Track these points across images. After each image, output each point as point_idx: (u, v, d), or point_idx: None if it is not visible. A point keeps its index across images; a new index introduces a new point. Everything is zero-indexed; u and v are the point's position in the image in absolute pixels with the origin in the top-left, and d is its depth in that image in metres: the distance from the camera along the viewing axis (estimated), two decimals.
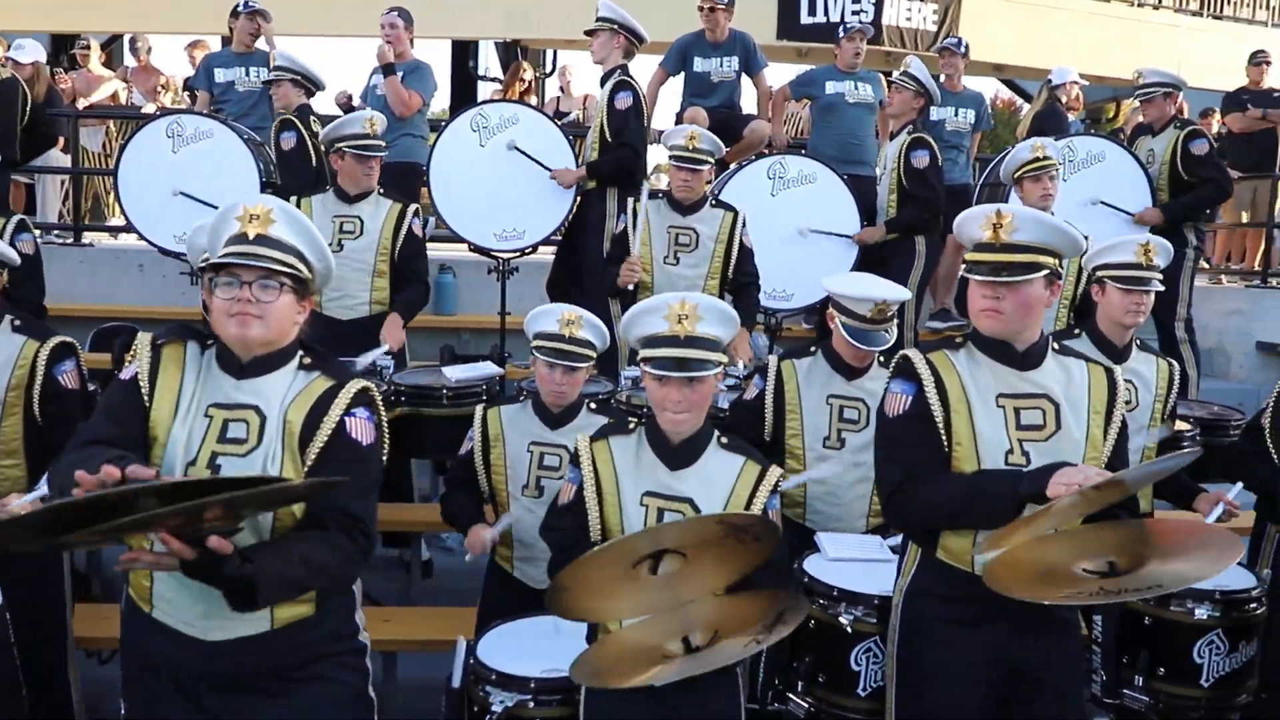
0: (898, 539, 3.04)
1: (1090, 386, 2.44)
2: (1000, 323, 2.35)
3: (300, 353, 2.26)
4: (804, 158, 5.66)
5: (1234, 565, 3.20)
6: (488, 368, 4.24)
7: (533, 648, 2.75)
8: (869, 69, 6.69)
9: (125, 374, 2.22)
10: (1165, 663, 3.01)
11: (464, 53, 13.89)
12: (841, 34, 6.38)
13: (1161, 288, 3.41)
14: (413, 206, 4.60)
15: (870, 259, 5.56)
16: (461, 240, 5.51)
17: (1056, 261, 2.35)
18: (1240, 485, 3.36)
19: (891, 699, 2.58)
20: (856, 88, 6.18)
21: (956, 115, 6.56)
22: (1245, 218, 8.37)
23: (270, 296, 2.13)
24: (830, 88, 6.19)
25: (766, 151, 6.06)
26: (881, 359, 3.41)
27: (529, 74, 8.53)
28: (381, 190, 4.60)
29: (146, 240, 5.65)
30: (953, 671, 2.41)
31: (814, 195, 5.51)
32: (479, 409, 3.37)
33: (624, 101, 5.16)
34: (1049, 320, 4.53)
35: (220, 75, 6.40)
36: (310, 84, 5.70)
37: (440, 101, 15.30)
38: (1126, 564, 2.21)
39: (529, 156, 5.27)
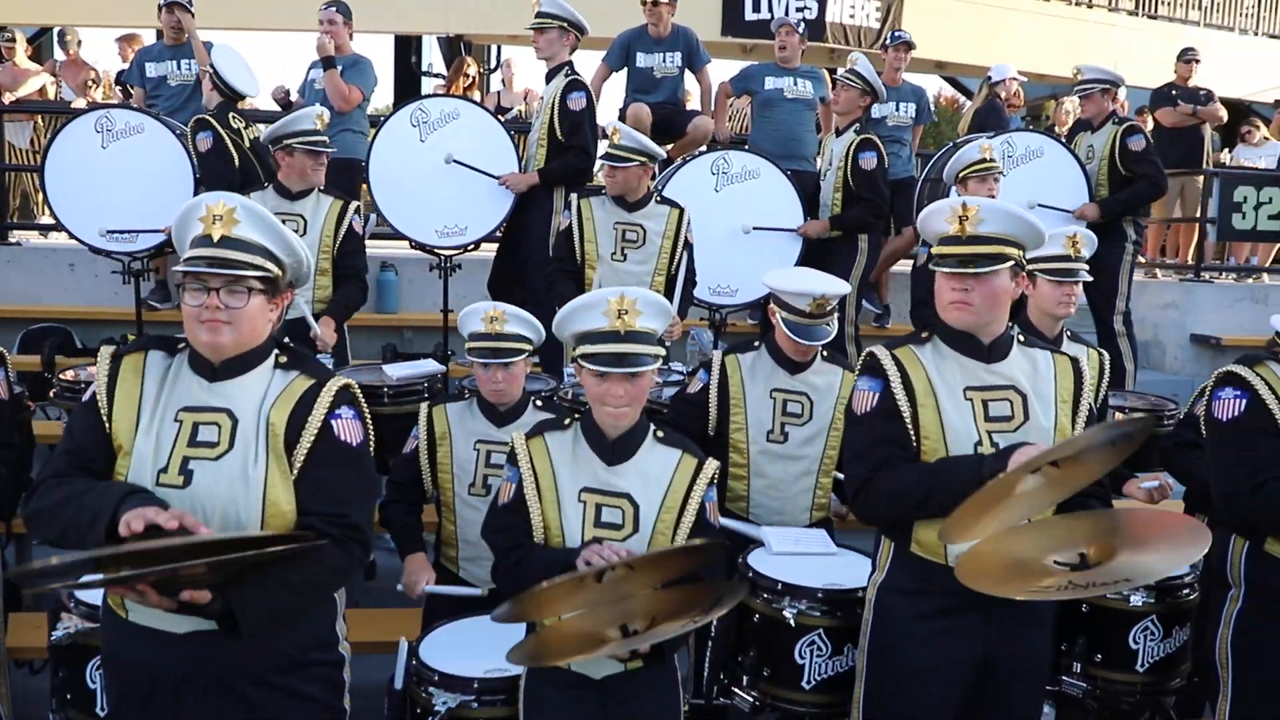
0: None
1: (1056, 376, 2.48)
2: (970, 314, 2.38)
3: (276, 352, 2.22)
4: (748, 153, 5.67)
5: None
6: (429, 365, 4.19)
7: (476, 648, 2.73)
8: (813, 65, 6.74)
9: (86, 394, 2.19)
10: (1102, 649, 3.07)
11: (407, 48, 13.75)
12: (774, 28, 6.41)
13: (1089, 278, 3.47)
14: (354, 204, 4.54)
15: (813, 256, 5.58)
16: (403, 237, 5.44)
17: (1020, 253, 2.39)
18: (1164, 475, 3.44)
19: (860, 694, 2.59)
20: (796, 84, 6.21)
21: (898, 110, 6.63)
22: (1178, 212, 8.57)
23: (239, 301, 2.10)
24: (769, 84, 6.21)
25: (710, 147, 6.06)
26: (824, 353, 3.43)
27: (472, 69, 8.43)
28: (321, 187, 4.53)
29: (76, 239, 5.49)
30: (925, 666, 2.43)
31: (758, 190, 5.52)
32: (424, 407, 3.34)
33: (577, 102, 5.12)
34: None
35: (152, 70, 6.23)
36: (231, 93, 5.52)
37: (384, 97, 15.17)
38: (1097, 555, 2.23)
39: (469, 167, 5.21)
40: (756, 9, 11.81)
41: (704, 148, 6.08)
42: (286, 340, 2.32)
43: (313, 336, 4.18)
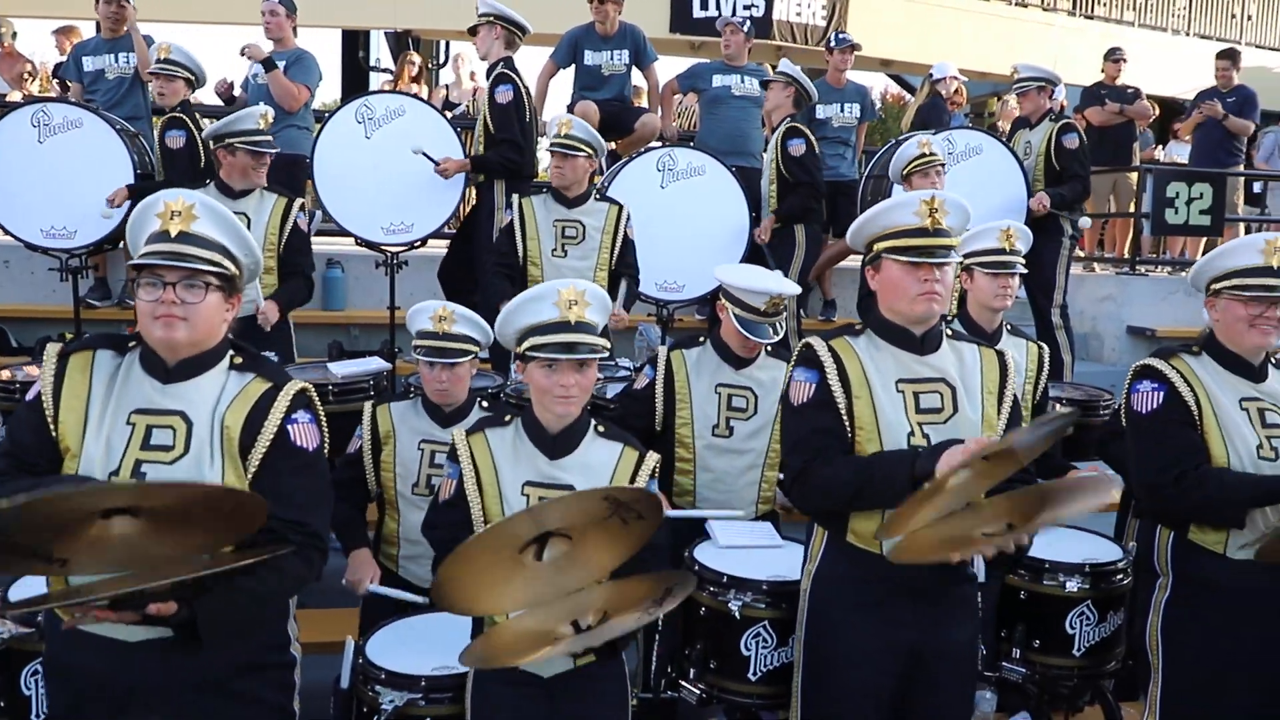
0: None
1: (983, 369, 2.53)
2: (939, 304, 2.42)
3: (231, 353, 2.20)
4: (693, 150, 5.71)
5: (1104, 540, 3.39)
6: (374, 363, 4.16)
7: (423, 646, 2.72)
8: (759, 63, 6.80)
9: (30, 392, 2.14)
10: (1040, 635, 3.14)
11: (355, 42, 13.61)
12: (719, 27, 6.45)
13: (1025, 271, 3.55)
14: (298, 201, 4.50)
15: (753, 251, 5.64)
16: (349, 234, 5.39)
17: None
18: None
19: (798, 683, 2.61)
20: (743, 81, 6.26)
21: (842, 111, 6.71)
22: (1112, 207, 8.78)
23: (195, 297, 2.07)
24: (717, 81, 6.26)
25: (658, 144, 6.09)
26: (769, 348, 3.47)
27: (416, 64, 8.37)
28: (265, 185, 4.48)
29: (12, 235, 5.36)
30: (860, 655, 2.46)
31: (703, 187, 5.56)
32: (368, 406, 3.32)
33: (504, 95, 5.13)
34: None
35: (89, 64, 6.09)
36: (196, 79, 5.47)
37: (331, 93, 15.00)
38: (1021, 522, 2.29)
39: (426, 155, 5.18)
40: (704, 6, 11.88)
41: (651, 144, 6.11)
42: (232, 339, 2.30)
43: (257, 309, 4.14)
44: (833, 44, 6.96)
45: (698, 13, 11.70)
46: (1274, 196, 10.52)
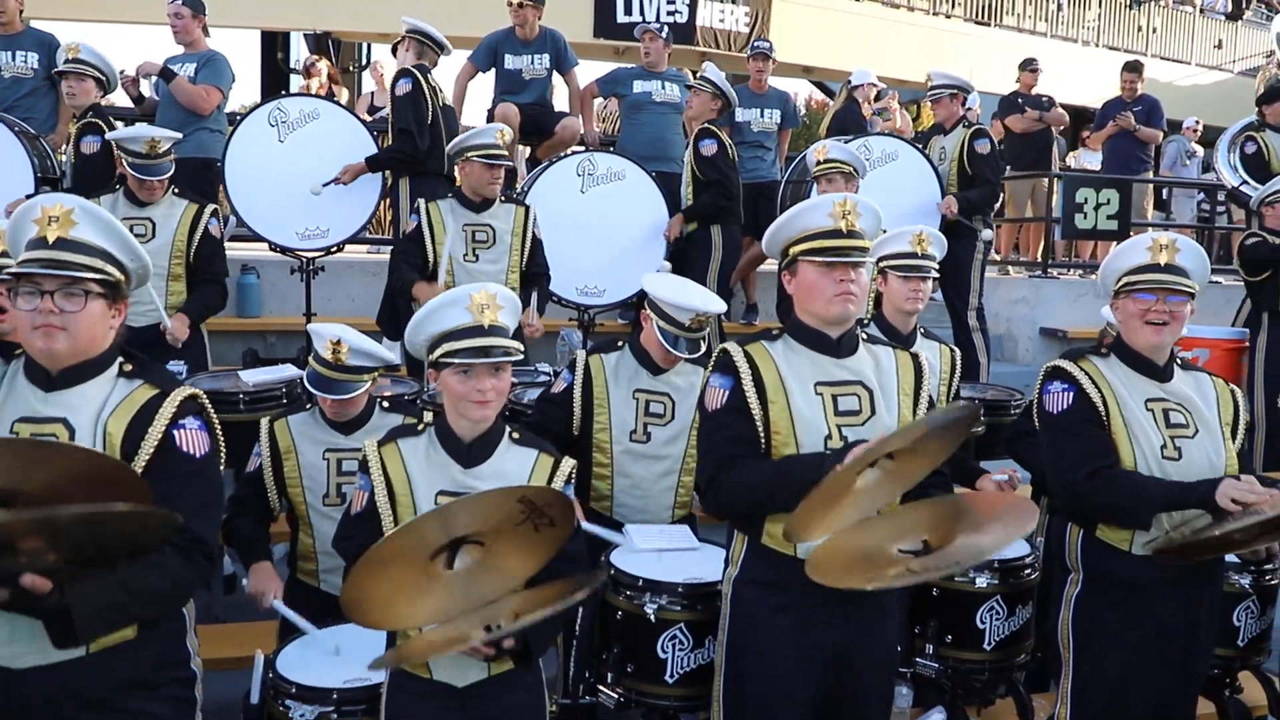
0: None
1: (898, 371, 2.56)
2: (855, 305, 2.44)
3: (119, 360, 2.13)
4: (613, 155, 5.72)
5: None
6: (287, 370, 4.07)
7: (335, 658, 2.68)
8: (681, 69, 6.84)
9: None
10: (952, 630, 3.20)
11: (273, 44, 13.37)
12: (637, 34, 6.48)
13: (937, 274, 3.62)
14: (210, 207, 4.39)
15: (672, 255, 5.67)
16: (262, 239, 5.28)
17: None
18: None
19: (719, 687, 2.61)
20: (664, 87, 6.30)
21: (762, 116, 6.77)
22: (1029, 212, 9.02)
23: (75, 305, 2.00)
24: (638, 87, 6.29)
25: (579, 149, 6.09)
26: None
27: (324, 69, 8.24)
28: (176, 190, 4.36)
29: None
30: (782, 658, 2.47)
31: (623, 192, 5.58)
32: (264, 422, 3.26)
33: (402, 88, 5.09)
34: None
35: None
36: (107, 81, 5.30)
37: (251, 95, 14.71)
38: (938, 540, 2.31)
39: (327, 184, 5.12)
40: (628, 11, 11.93)
41: (571, 149, 6.10)
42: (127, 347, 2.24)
43: (163, 330, 4.03)
44: (750, 52, 7.03)
45: (621, 18, 11.75)
46: (1179, 202, 10.93)
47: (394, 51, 5.28)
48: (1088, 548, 2.86)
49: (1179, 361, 2.87)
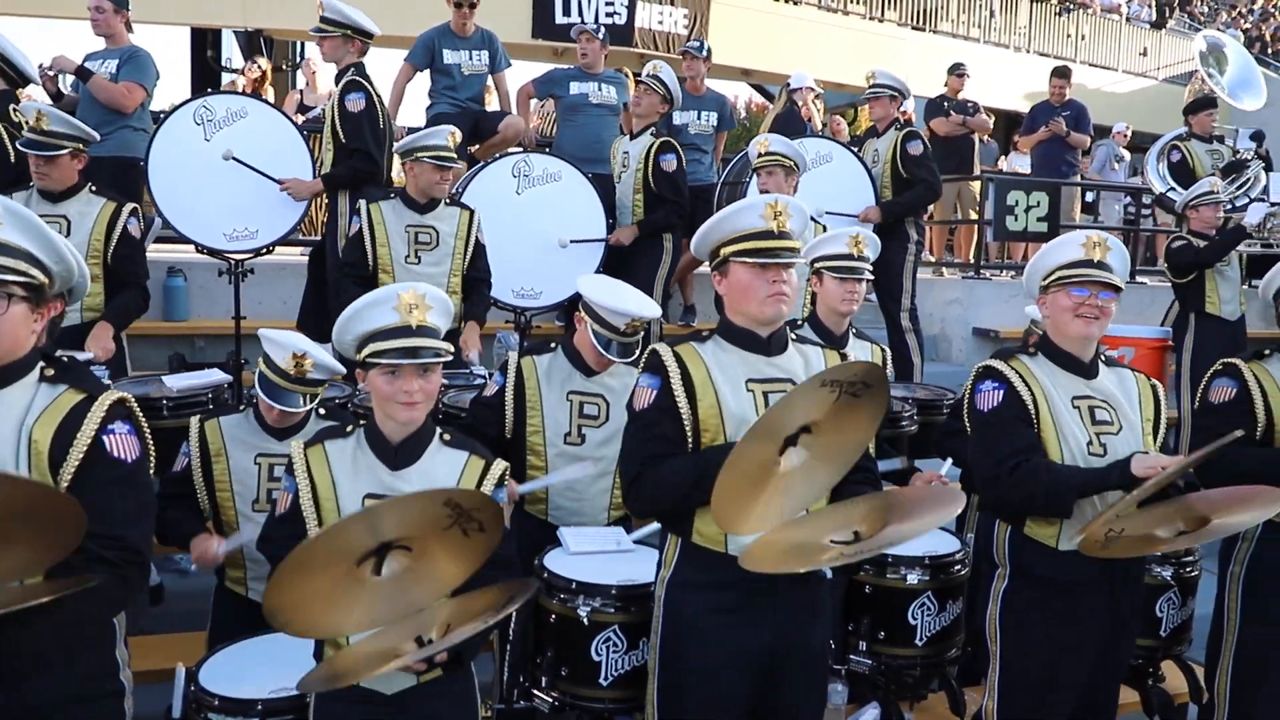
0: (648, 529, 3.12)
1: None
2: (788, 305, 2.45)
3: (41, 364, 2.06)
4: (549, 156, 5.69)
5: (943, 532, 3.52)
6: (213, 375, 3.97)
7: (260, 669, 2.62)
8: (619, 70, 6.83)
9: None
10: (885, 627, 3.23)
11: (203, 41, 13.12)
12: (573, 35, 6.45)
13: (871, 276, 3.66)
14: (129, 206, 4.25)
15: (617, 256, 5.66)
16: (188, 241, 5.14)
17: None
18: (950, 461, 3.67)
19: (654, 690, 2.60)
20: (600, 89, 6.27)
21: (699, 118, 6.79)
22: (956, 215, 9.19)
23: None
24: (574, 88, 6.26)
25: (515, 150, 6.05)
26: None
27: (264, 67, 8.09)
28: (94, 188, 4.23)
29: None
30: (716, 659, 2.47)
31: (559, 193, 5.55)
32: (194, 421, 3.19)
33: (355, 104, 4.96)
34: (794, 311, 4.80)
35: None
36: (15, 74, 5.12)
37: (181, 93, 14.39)
38: (869, 531, 2.34)
39: (249, 167, 4.98)
40: (567, 12, 11.92)
41: (507, 150, 6.06)
42: (61, 354, 2.16)
43: (87, 348, 3.90)
44: (687, 52, 7.03)
45: (560, 19, 11.73)
46: (1106, 205, 11.20)
47: (321, 40, 5.10)
48: (1015, 544, 2.90)
49: (1103, 358, 2.93)
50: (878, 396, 2.29)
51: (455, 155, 4.52)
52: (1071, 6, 17.69)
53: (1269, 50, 19.78)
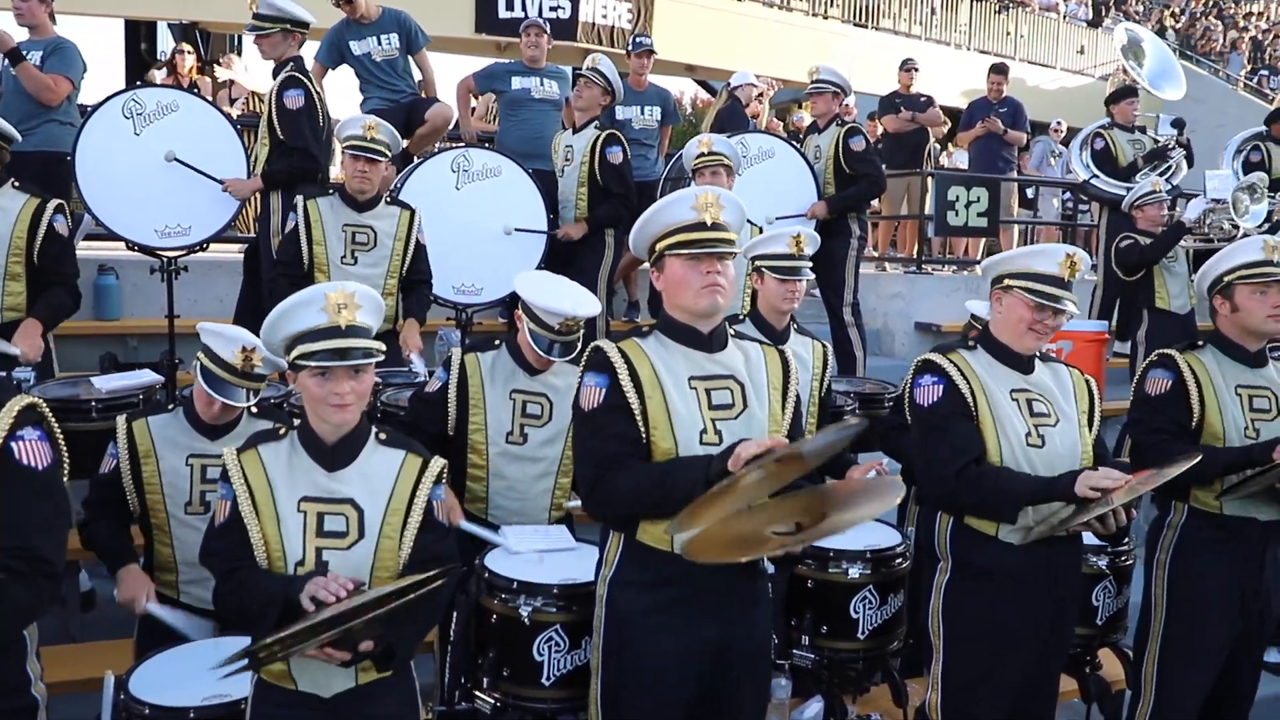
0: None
1: (767, 366, 2.58)
2: (723, 297, 2.43)
3: None
4: (488, 151, 5.63)
5: (884, 526, 3.55)
6: (144, 376, 3.87)
7: (193, 676, 2.54)
8: (560, 65, 6.78)
9: None
10: (827, 621, 3.25)
11: (137, 34, 12.82)
12: (521, 31, 6.38)
13: (812, 276, 3.67)
14: (53, 202, 4.10)
15: (560, 252, 5.62)
16: (119, 238, 5.01)
17: None
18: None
19: (597, 690, 2.59)
20: (543, 84, 6.22)
21: (643, 113, 6.76)
22: (905, 209, 9.28)
23: None
24: (516, 83, 6.19)
25: (453, 145, 5.96)
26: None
27: (190, 58, 7.91)
28: (16, 184, 4.09)
29: None
30: (659, 657, 2.45)
31: (499, 189, 5.49)
32: (121, 420, 3.10)
33: (294, 100, 4.84)
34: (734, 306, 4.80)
35: None
36: None
37: (115, 86, 14.03)
38: (810, 522, 2.35)
39: (192, 168, 4.86)
40: (510, 7, 11.83)
41: (440, 145, 5.96)
42: None
43: (15, 353, 3.77)
44: (631, 48, 7.01)
45: (503, 13, 11.63)
46: (1044, 200, 11.40)
47: (259, 38, 4.97)
48: (956, 537, 2.93)
49: (1039, 354, 2.97)
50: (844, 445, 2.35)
51: (373, 145, 4.36)
52: (1010, 5, 17.99)
53: (1198, 49, 20.31)
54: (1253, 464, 3.04)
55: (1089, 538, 2.98)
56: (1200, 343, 3.30)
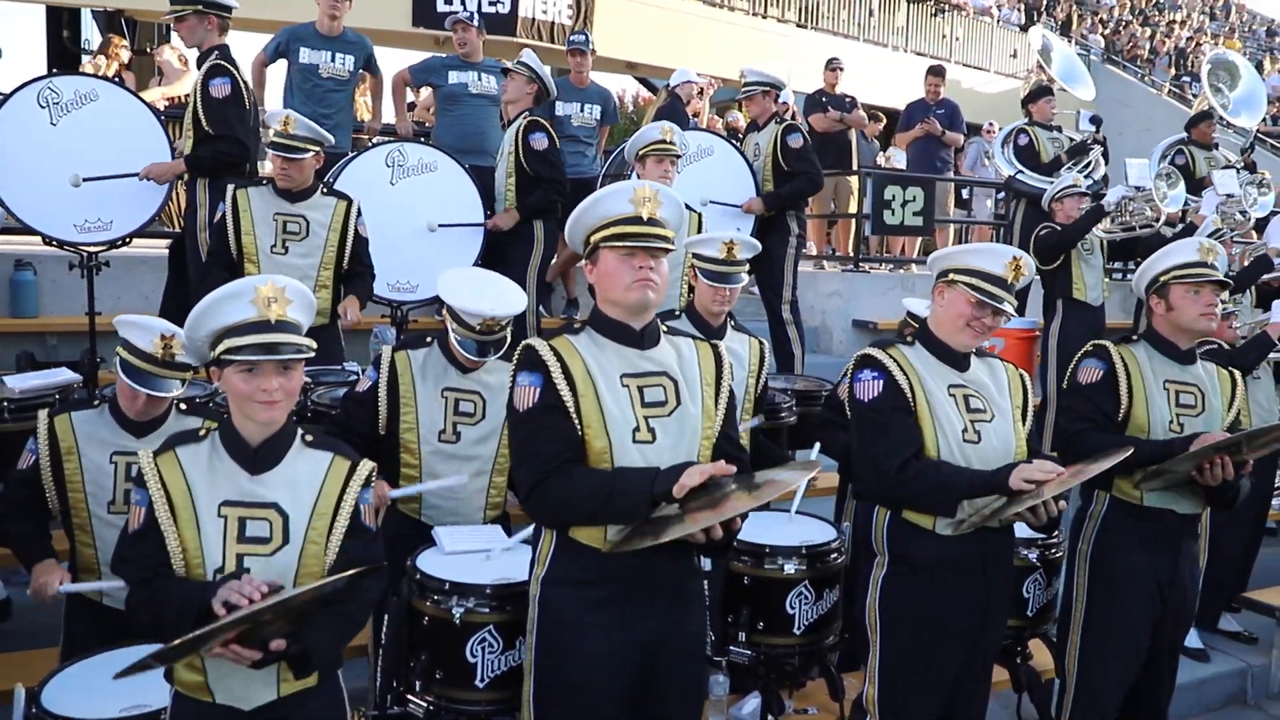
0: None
1: (700, 361, 2.55)
2: (655, 292, 2.40)
3: None
4: (424, 145, 5.54)
5: (819, 521, 3.56)
6: (61, 374, 3.74)
7: (110, 686, 2.41)
8: (500, 60, 6.70)
9: None
10: (763, 617, 3.25)
11: (59, 21, 12.44)
12: (448, 25, 6.29)
13: (745, 280, 3.67)
14: None
15: (491, 247, 5.55)
16: (35, 233, 4.82)
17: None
18: (818, 446, 3.72)
19: (529, 690, 2.55)
20: (480, 79, 6.15)
21: (582, 110, 6.73)
22: (833, 209, 9.37)
23: None
24: (453, 78, 6.12)
25: (387, 139, 5.87)
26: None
27: (125, 51, 7.69)
28: None
29: None
30: (592, 657, 2.42)
31: (435, 184, 5.41)
32: (43, 415, 2.98)
33: (220, 89, 4.70)
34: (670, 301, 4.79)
35: None
36: None
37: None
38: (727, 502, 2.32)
39: (101, 178, 4.69)
40: (448, 1, 11.69)
41: (378, 139, 5.86)
42: None
43: None
44: (567, 46, 6.96)
45: (441, 6, 11.49)
46: (979, 200, 11.59)
47: (179, 20, 4.81)
48: (893, 530, 2.94)
49: (975, 350, 3.00)
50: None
51: (289, 142, 4.24)
52: (946, 8, 18.27)
53: (1124, 55, 20.84)
54: (1171, 457, 3.11)
55: (1021, 530, 3.02)
56: (1134, 337, 3.36)
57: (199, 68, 4.87)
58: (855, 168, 9.14)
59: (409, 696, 2.83)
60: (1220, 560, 5.06)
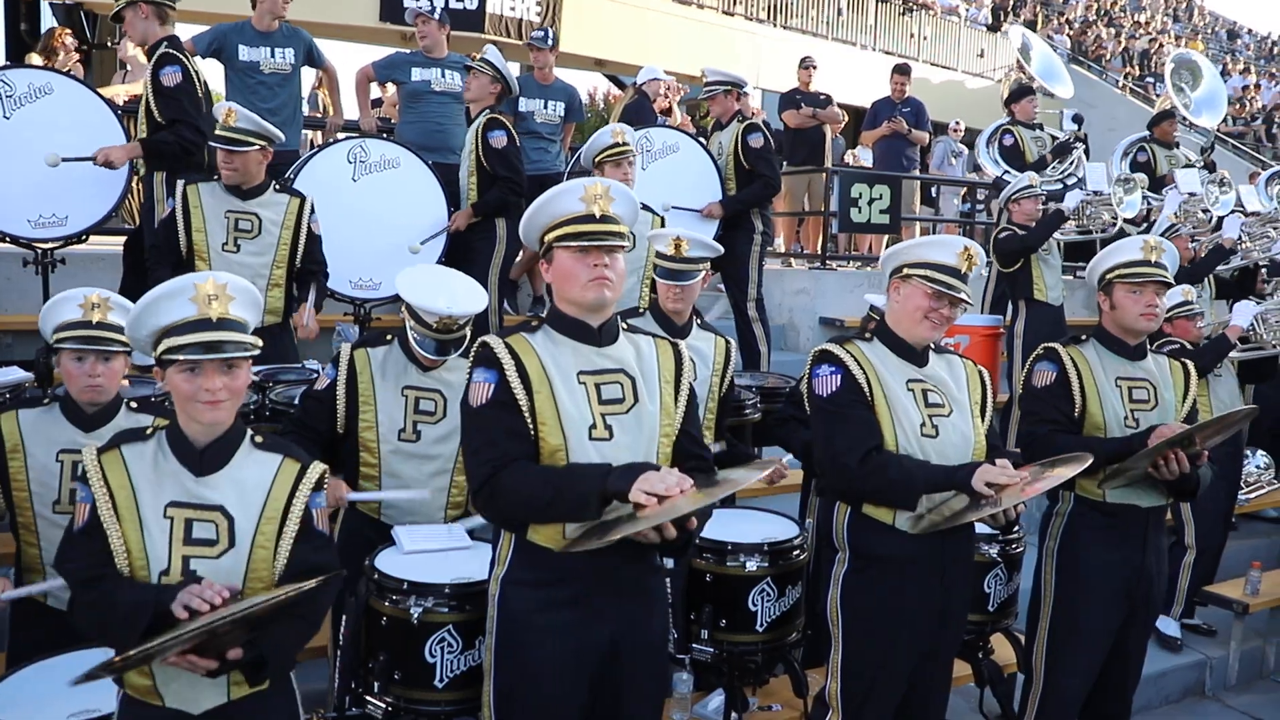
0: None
1: (659, 359, 2.55)
2: (611, 290, 2.40)
3: None
4: (386, 142, 5.49)
5: (781, 518, 3.56)
6: (12, 373, 3.67)
7: (58, 692, 2.40)
8: (465, 56, 6.65)
9: None
10: (726, 614, 3.25)
11: (17, 13, 12.24)
12: (408, 19, 6.22)
13: (700, 278, 3.67)
14: None
15: (454, 246, 5.51)
16: None
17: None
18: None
19: (489, 690, 2.52)
20: (444, 75, 6.09)
21: (546, 108, 6.69)
22: (807, 206, 9.40)
23: None
24: (417, 75, 6.05)
25: (349, 135, 5.80)
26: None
27: (71, 41, 7.56)
28: None
29: None
30: (554, 656, 2.41)
31: (398, 181, 5.36)
32: None
33: (171, 77, 4.62)
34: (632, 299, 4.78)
35: None
36: None
37: None
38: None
39: (78, 159, 4.61)
40: None
41: (337, 135, 5.79)
42: None
43: None
44: (530, 41, 6.92)
45: (408, 2, 11.38)
46: (945, 199, 11.68)
47: (117, 19, 4.72)
48: (854, 526, 2.95)
49: (933, 346, 3.02)
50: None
51: (230, 134, 4.18)
52: (914, 7, 18.39)
53: (1089, 55, 21.08)
54: (1132, 453, 3.14)
55: (981, 526, 3.04)
56: (1083, 336, 3.39)
57: (148, 59, 4.78)
58: (832, 164, 9.17)
59: (368, 697, 2.80)
60: (1205, 552, 5.17)
